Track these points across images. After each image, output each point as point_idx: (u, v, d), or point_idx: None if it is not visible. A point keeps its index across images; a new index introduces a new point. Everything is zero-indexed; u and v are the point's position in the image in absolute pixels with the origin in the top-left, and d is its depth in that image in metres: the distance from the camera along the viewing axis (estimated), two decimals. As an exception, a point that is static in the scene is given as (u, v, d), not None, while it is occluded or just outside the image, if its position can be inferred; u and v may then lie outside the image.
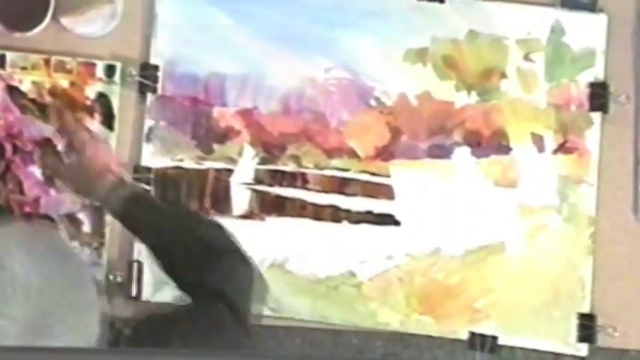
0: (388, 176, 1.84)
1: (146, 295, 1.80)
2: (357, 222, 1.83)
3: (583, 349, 1.83)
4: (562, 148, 1.86)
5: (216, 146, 1.84)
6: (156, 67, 1.83)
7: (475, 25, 1.86)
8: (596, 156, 1.85)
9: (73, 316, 1.18)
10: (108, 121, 1.82)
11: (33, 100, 1.82)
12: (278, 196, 1.83)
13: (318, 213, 1.83)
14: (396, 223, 1.83)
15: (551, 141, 1.85)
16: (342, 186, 1.84)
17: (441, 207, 1.84)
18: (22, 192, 1.80)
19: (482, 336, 1.82)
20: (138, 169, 1.82)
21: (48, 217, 1.80)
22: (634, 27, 1.87)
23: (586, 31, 1.86)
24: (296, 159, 1.84)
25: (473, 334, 1.82)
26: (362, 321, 1.82)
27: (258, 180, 1.83)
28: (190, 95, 1.84)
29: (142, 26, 1.85)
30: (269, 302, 1.81)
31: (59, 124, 1.73)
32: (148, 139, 1.83)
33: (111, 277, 1.79)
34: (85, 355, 0.98)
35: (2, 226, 1.22)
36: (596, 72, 1.86)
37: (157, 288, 1.80)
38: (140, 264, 1.80)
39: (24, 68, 1.82)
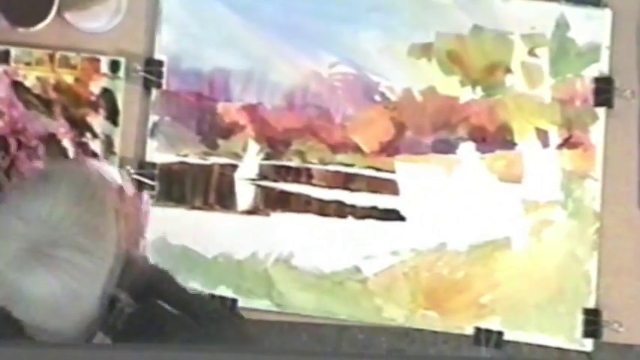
0: (393, 171, 1.84)
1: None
2: (362, 217, 1.83)
3: (588, 344, 1.83)
4: (567, 143, 1.85)
5: (220, 142, 1.83)
6: (160, 63, 1.83)
7: (480, 20, 1.86)
8: (601, 151, 1.85)
9: (81, 238, 1.30)
10: (112, 116, 1.82)
11: (37, 96, 1.81)
12: (283, 192, 1.83)
13: (322, 208, 1.83)
14: (401, 218, 1.83)
15: (555, 136, 1.85)
16: (346, 181, 1.84)
17: (445, 202, 1.84)
18: (26, 187, 1.80)
19: (488, 331, 1.82)
20: (142, 165, 1.82)
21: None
22: (639, 22, 1.87)
23: (591, 25, 1.86)
24: (300, 154, 1.84)
25: (478, 330, 1.82)
26: (367, 316, 1.82)
27: (262, 175, 1.83)
28: (195, 90, 1.84)
29: (147, 21, 1.84)
30: (274, 298, 1.81)
31: None
32: (153, 134, 1.83)
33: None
34: (81, 351, 0.98)
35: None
36: (601, 67, 1.86)
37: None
38: (145, 259, 1.80)
39: (28, 64, 1.81)
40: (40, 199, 1.31)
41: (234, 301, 1.80)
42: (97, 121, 1.82)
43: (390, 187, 1.84)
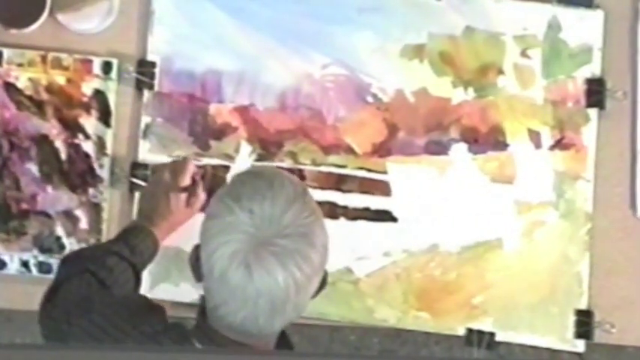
0: (385, 172, 1.84)
1: (143, 291, 1.79)
2: (354, 218, 1.83)
3: (580, 345, 1.83)
4: (559, 144, 1.85)
5: (212, 143, 1.83)
6: (153, 64, 1.83)
7: (472, 21, 1.86)
8: (593, 152, 1.85)
9: (305, 230, 1.33)
10: (104, 117, 1.82)
11: (29, 97, 1.81)
12: (275, 193, 1.82)
13: (315, 209, 1.82)
14: (393, 219, 1.83)
15: (548, 137, 1.85)
16: (338, 182, 1.84)
17: (438, 203, 1.84)
18: (18, 188, 1.80)
19: (480, 332, 1.82)
20: (135, 166, 1.82)
21: (45, 214, 1.80)
22: (630, 23, 1.87)
23: (583, 27, 1.86)
24: (293, 155, 1.84)
25: (470, 331, 1.82)
26: (359, 317, 1.82)
27: (255, 176, 1.83)
28: (187, 92, 1.84)
29: (139, 23, 1.84)
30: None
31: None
32: (145, 135, 1.83)
33: (108, 273, 1.79)
34: (81, 351, 0.98)
35: None
36: (593, 68, 1.86)
37: (154, 284, 1.80)
38: (137, 260, 1.79)
39: (20, 65, 1.82)
40: (261, 195, 1.33)
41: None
42: (90, 122, 1.82)
43: (382, 188, 1.84)
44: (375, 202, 1.83)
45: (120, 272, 1.59)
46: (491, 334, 1.82)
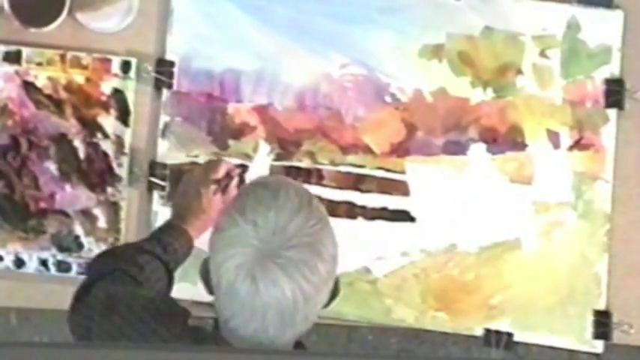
0: (403, 172, 1.84)
1: (161, 290, 1.80)
2: (373, 218, 1.83)
3: (599, 345, 1.83)
4: (578, 145, 1.85)
5: (231, 142, 1.84)
6: (171, 63, 1.83)
7: (491, 22, 1.86)
8: (612, 152, 1.85)
9: (311, 240, 1.32)
10: (123, 116, 1.82)
11: (48, 96, 1.82)
12: (293, 192, 1.82)
13: (333, 209, 1.82)
14: (412, 219, 1.83)
15: (566, 137, 1.85)
16: (357, 182, 1.84)
17: (456, 203, 1.84)
18: (37, 187, 1.81)
19: (498, 332, 1.82)
20: (153, 165, 1.82)
21: (63, 213, 1.80)
22: (650, 23, 1.87)
23: (602, 27, 1.86)
24: (311, 155, 1.84)
25: (488, 331, 1.82)
26: (377, 317, 1.82)
27: (273, 176, 1.83)
28: (206, 91, 1.84)
29: (158, 22, 1.85)
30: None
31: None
32: (164, 134, 1.83)
33: (126, 272, 1.79)
34: (82, 351, 0.99)
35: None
36: (612, 68, 1.86)
37: (173, 284, 1.80)
38: (155, 260, 1.79)
39: (40, 64, 1.82)
40: (265, 207, 1.32)
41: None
42: (108, 121, 1.82)
43: (400, 188, 1.84)
44: (393, 202, 1.83)
45: (151, 271, 1.58)
46: (509, 335, 1.82)
